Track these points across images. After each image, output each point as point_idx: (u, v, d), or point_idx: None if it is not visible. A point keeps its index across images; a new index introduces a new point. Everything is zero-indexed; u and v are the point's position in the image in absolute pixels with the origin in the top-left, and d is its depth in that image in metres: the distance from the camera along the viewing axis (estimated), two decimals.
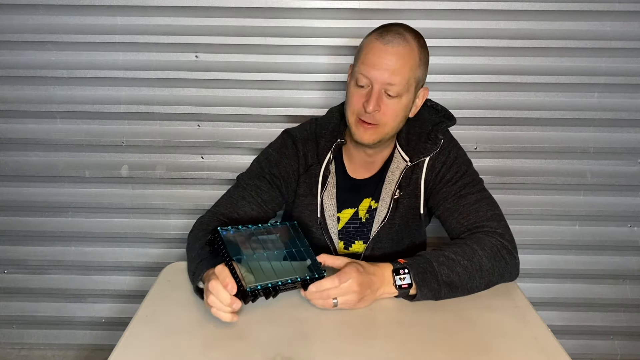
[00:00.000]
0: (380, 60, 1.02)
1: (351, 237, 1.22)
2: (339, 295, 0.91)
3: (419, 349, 0.84)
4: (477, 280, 0.99)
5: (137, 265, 1.77)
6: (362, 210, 1.21)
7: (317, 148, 1.19)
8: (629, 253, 1.74)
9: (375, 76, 1.02)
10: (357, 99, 1.06)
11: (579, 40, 1.54)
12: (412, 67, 1.03)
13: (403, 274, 0.96)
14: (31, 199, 1.70)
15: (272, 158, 1.20)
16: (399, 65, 1.02)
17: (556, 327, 1.77)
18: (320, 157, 1.19)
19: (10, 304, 1.83)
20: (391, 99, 1.04)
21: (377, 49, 1.02)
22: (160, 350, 0.82)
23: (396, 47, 1.02)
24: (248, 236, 0.96)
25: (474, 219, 1.08)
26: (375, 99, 1.03)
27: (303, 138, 1.21)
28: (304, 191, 1.20)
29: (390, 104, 1.04)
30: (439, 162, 1.15)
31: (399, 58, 1.02)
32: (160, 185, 1.69)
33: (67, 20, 1.54)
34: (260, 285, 0.88)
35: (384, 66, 1.02)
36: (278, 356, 0.80)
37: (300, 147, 1.20)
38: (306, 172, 1.20)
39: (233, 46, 1.55)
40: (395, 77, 1.02)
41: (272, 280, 0.90)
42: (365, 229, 1.21)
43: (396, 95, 1.03)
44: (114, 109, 1.60)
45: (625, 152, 1.65)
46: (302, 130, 1.23)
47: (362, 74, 1.04)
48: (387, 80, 1.02)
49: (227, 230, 0.94)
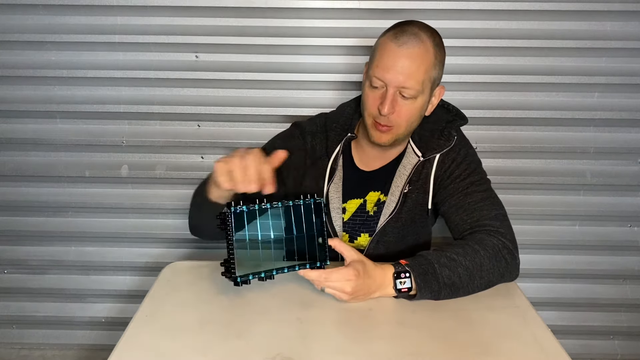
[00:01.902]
0: (394, 63, 1.01)
1: (357, 230, 1.22)
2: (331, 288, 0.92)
3: (419, 349, 0.84)
4: (477, 281, 0.99)
5: (137, 265, 1.77)
6: (370, 203, 1.21)
7: (326, 141, 1.20)
8: (629, 253, 1.74)
9: (390, 79, 1.02)
10: (372, 101, 1.06)
11: (579, 40, 1.54)
12: (427, 68, 1.02)
13: (404, 278, 0.96)
14: (31, 199, 1.70)
15: (278, 147, 1.20)
16: (413, 67, 1.01)
17: (556, 327, 1.77)
18: (329, 149, 1.19)
19: (10, 304, 1.83)
20: (406, 100, 1.04)
21: (392, 51, 1.01)
22: (160, 350, 0.82)
23: (411, 49, 1.00)
24: (260, 215, 0.94)
25: (477, 217, 1.08)
26: (390, 102, 1.03)
27: (312, 131, 1.22)
28: (310, 183, 1.20)
29: (404, 105, 1.04)
30: (449, 158, 1.15)
31: (414, 60, 1.01)
32: (160, 185, 1.69)
33: (67, 20, 1.54)
34: (252, 275, 0.91)
35: (398, 69, 1.01)
36: (278, 356, 0.80)
37: (308, 139, 1.20)
38: (313, 164, 1.20)
39: (233, 46, 1.55)
40: (409, 80, 1.01)
41: (267, 268, 0.92)
42: (372, 222, 1.21)
43: (411, 97, 1.03)
44: (114, 109, 1.60)
45: (625, 152, 1.65)
46: (311, 124, 1.24)
47: (377, 76, 1.03)
48: (402, 84, 1.01)
49: (240, 209, 0.91)
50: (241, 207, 0.91)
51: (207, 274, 1.04)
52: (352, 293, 0.92)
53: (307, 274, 0.93)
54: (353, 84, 1.57)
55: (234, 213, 0.90)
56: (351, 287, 0.91)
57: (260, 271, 0.92)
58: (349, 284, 0.91)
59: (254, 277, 0.91)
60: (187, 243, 1.74)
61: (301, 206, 0.98)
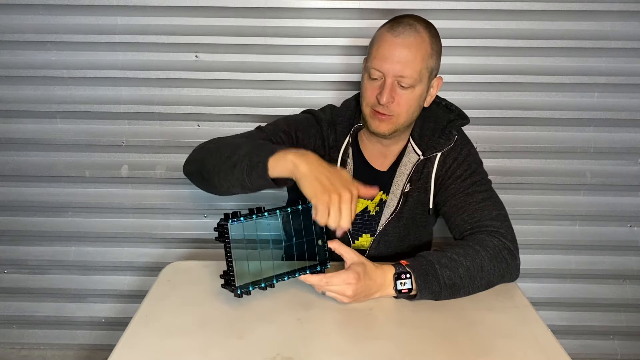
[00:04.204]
0: (391, 53, 1.02)
1: (358, 230, 1.22)
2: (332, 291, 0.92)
3: (419, 349, 0.84)
4: (478, 281, 0.99)
5: (137, 265, 1.77)
6: (372, 203, 1.21)
7: (335, 133, 1.20)
8: (629, 253, 1.74)
9: (387, 69, 1.03)
10: (370, 92, 1.07)
11: (579, 40, 1.54)
12: (423, 57, 1.04)
13: (404, 279, 0.96)
14: (31, 199, 1.70)
15: (301, 124, 1.17)
16: (410, 56, 1.02)
17: (556, 327, 1.77)
18: (338, 142, 1.19)
19: (10, 304, 1.83)
20: (404, 89, 1.05)
21: (388, 41, 1.03)
22: (160, 350, 0.82)
23: (407, 39, 1.02)
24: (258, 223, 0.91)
25: (478, 217, 1.08)
26: (389, 91, 1.04)
27: (327, 120, 1.20)
28: None
29: (403, 95, 1.05)
30: (451, 158, 1.15)
31: (410, 50, 1.02)
32: (160, 185, 1.69)
33: (67, 20, 1.54)
34: (252, 286, 0.89)
35: (395, 58, 1.02)
36: (278, 356, 0.80)
37: (324, 127, 1.19)
38: (324, 156, 1.17)
39: (233, 46, 1.55)
40: (407, 69, 1.02)
41: (268, 276, 0.91)
42: (374, 222, 1.21)
43: (409, 86, 1.04)
44: (114, 109, 1.60)
45: (625, 152, 1.65)
46: (323, 113, 1.23)
47: (374, 67, 1.04)
48: (399, 73, 1.02)
49: (238, 221, 0.88)
50: (239, 219, 0.88)
51: (207, 274, 1.04)
52: (353, 296, 0.92)
53: (307, 279, 0.93)
54: (353, 84, 1.57)
55: (232, 225, 0.88)
56: (352, 291, 0.91)
57: (260, 280, 0.91)
58: (350, 287, 0.91)
59: (254, 288, 0.90)
60: (187, 243, 1.75)
61: (299, 212, 0.96)
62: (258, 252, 0.92)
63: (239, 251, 0.89)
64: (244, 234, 0.90)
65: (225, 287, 0.91)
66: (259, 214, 0.90)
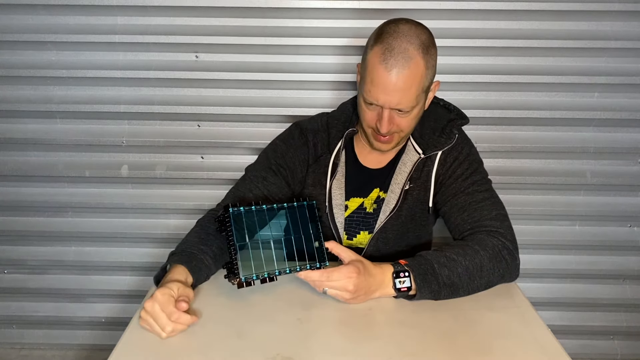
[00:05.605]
0: (385, 88, 1.00)
1: (355, 228, 1.22)
2: (333, 288, 0.92)
3: (419, 349, 0.84)
4: (477, 281, 0.99)
5: (137, 265, 1.77)
6: (369, 200, 1.21)
7: (328, 137, 1.21)
8: (629, 253, 1.74)
9: (383, 101, 1.02)
10: (370, 117, 1.08)
11: (579, 40, 1.54)
12: (419, 82, 1.01)
13: (403, 277, 0.96)
14: (31, 199, 1.70)
15: (279, 149, 1.21)
16: (405, 88, 1.00)
17: (556, 327, 1.77)
18: (331, 146, 1.20)
19: (10, 304, 1.83)
20: (403, 113, 1.05)
21: (382, 76, 1.00)
22: (160, 350, 0.82)
23: (400, 71, 0.99)
24: (258, 217, 0.95)
25: (477, 217, 1.08)
26: (387, 122, 1.05)
27: (313, 129, 1.22)
28: (313, 181, 1.20)
29: (403, 119, 1.06)
30: (451, 157, 1.15)
31: (405, 82, 1.00)
32: (160, 185, 1.69)
33: (67, 20, 1.54)
34: (255, 276, 0.91)
35: (390, 93, 1.01)
36: (278, 356, 0.80)
37: (310, 137, 1.21)
38: (316, 162, 1.20)
39: (233, 46, 1.55)
40: (403, 100, 1.01)
41: (270, 269, 0.92)
42: (372, 220, 1.21)
43: (407, 110, 1.04)
44: (114, 109, 1.60)
45: (625, 152, 1.65)
46: (312, 122, 1.24)
47: (370, 98, 1.03)
48: (396, 105, 1.02)
49: (238, 210, 0.93)
50: (239, 208, 0.93)
51: None
52: (355, 291, 0.92)
53: (308, 275, 0.93)
54: (353, 84, 1.58)
55: (233, 215, 0.91)
56: (353, 285, 0.92)
57: (262, 272, 0.92)
58: (351, 281, 0.91)
59: (257, 278, 0.91)
60: None
61: (296, 209, 0.99)
62: (259, 243, 0.93)
63: (240, 241, 0.91)
64: (244, 222, 0.92)
65: (228, 278, 0.92)
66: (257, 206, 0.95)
